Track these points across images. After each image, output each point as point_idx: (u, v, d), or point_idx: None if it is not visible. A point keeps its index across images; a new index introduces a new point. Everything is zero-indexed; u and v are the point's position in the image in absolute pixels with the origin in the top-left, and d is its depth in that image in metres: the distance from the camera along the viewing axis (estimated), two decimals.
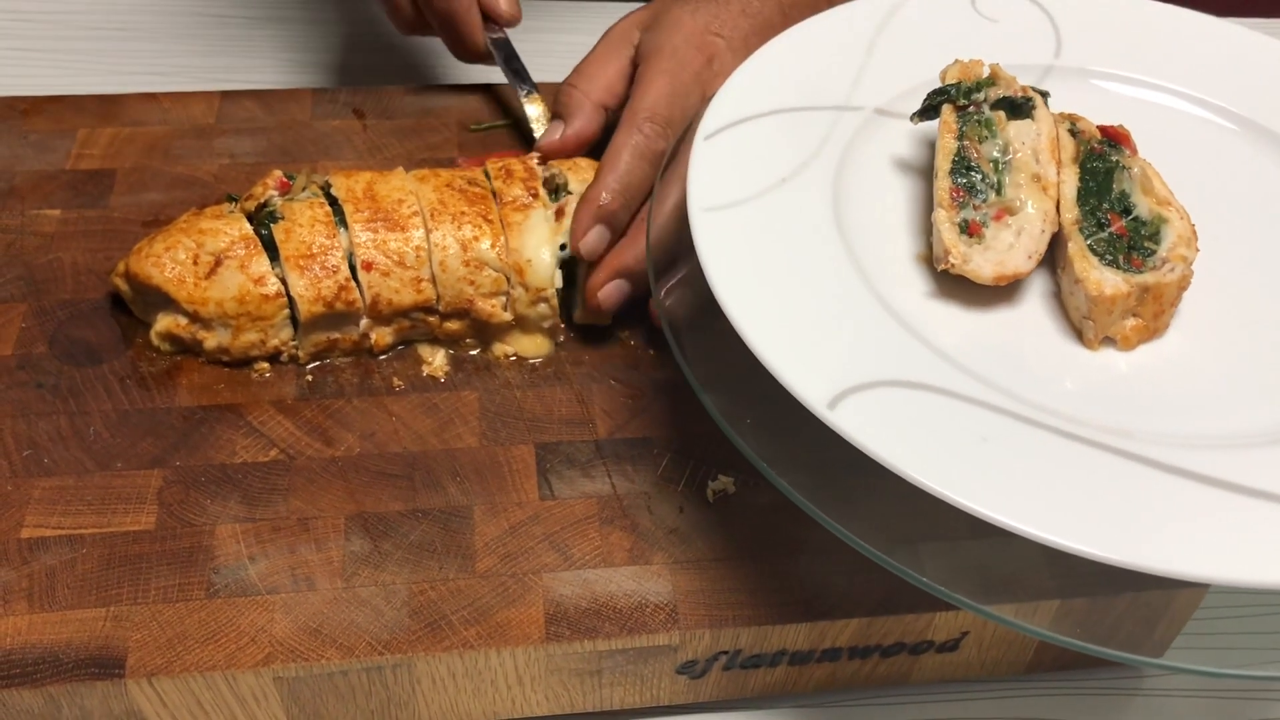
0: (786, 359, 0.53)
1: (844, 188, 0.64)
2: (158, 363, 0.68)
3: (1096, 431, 0.54)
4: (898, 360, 0.56)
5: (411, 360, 0.69)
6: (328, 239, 0.66)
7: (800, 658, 0.61)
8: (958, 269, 0.58)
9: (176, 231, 0.68)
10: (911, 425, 0.53)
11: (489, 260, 0.67)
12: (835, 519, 0.54)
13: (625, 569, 0.60)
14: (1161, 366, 0.59)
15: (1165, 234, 0.60)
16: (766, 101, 0.66)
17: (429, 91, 0.86)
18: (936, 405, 0.54)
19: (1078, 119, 0.64)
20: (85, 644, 0.56)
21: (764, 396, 0.55)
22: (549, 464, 0.64)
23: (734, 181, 0.62)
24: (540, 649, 0.57)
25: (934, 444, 0.52)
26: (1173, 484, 0.52)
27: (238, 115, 0.83)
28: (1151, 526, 0.50)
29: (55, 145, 0.79)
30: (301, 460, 0.64)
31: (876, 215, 0.64)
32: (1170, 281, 0.58)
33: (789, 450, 0.56)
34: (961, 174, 0.61)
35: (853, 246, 0.61)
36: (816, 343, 0.55)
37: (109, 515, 0.61)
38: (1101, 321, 0.58)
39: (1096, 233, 0.60)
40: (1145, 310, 0.59)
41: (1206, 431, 0.56)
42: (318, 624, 0.57)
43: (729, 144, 0.64)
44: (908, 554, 0.57)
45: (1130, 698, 0.65)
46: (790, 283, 0.58)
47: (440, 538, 0.61)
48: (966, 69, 0.65)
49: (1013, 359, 0.58)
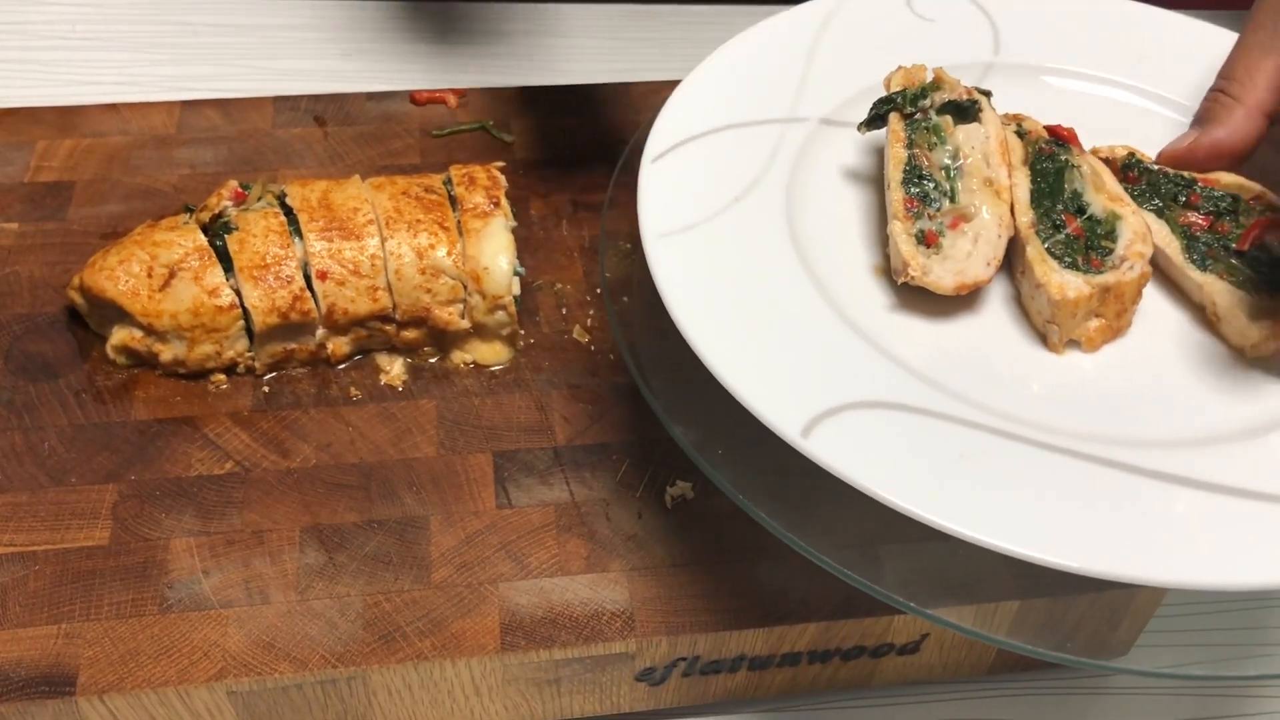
0: (755, 389, 0.52)
1: (796, 202, 0.63)
2: (114, 376, 0.67)
3: (1074, 440, 0.53)
4: (868, 380, 0.55)
5: (369, 369, 0.69)
6: (282, 249, 0.66)
7: (760, 663, 0.61)
8: (918, 281, 0.58)
9: (131, 244, 0.67)
10: (887, 447, 0.52)
11: (445, 268, 0.67)
12: (790, 529, 0.54)
13: (582, 577, 0.60)
14: (1128, 365, 0.59)
15: (1121, 231, 0.59)
16: (711, 118, 0.65)
17: (390, 98, 0.86)
18: (911, 424, 0.53)
19: (1023, 119, 0.64)
20: (36, 662, 0.55)
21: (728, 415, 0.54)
22: (507, 472, 0.64)
23: (686, 204, 0.61)
24: (496, 659, 0.57)
25: (912, 466, 0.51)
26: (1159, 490, 0.51)
27: (198, 125, 0.82)
28: (1147, 537, 0.49)
29: (13, 158, 0.79)
30: (257, 472, 0.63)
31: (831, 229, 0.63)
32: (1131, 280, 0.58)
33: (749, 462, 0.56)
34: (914, 183, 0.61)
35: (811, 263, 0.60)
36: (783, 369, 0.54)
37: (62, 531, 0.60)
38: (1066, 325, 0.58)
39: (1053, 235, 0.59)
40: (1108, 310, 0.58)
41: (1183, 430, 0.55)
42: (271, 637, 0.57)
43: (677, 165, 0.63)
44: (866, 557, 0.57)
45: (1094, 696, 0.65)
46: (752, 306, 0.57)
47: (396, 549, 0.60)
48: (910, 74, 0.64)
49: (981, 369, 0.58)
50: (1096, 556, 0.48)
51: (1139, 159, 0.64)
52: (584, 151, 0.82)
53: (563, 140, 0.83)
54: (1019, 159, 0.62)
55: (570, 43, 1.02)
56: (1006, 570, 0.59)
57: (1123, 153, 0.64)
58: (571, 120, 0.85)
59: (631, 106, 0.86)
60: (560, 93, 0.87)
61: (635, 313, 0.64)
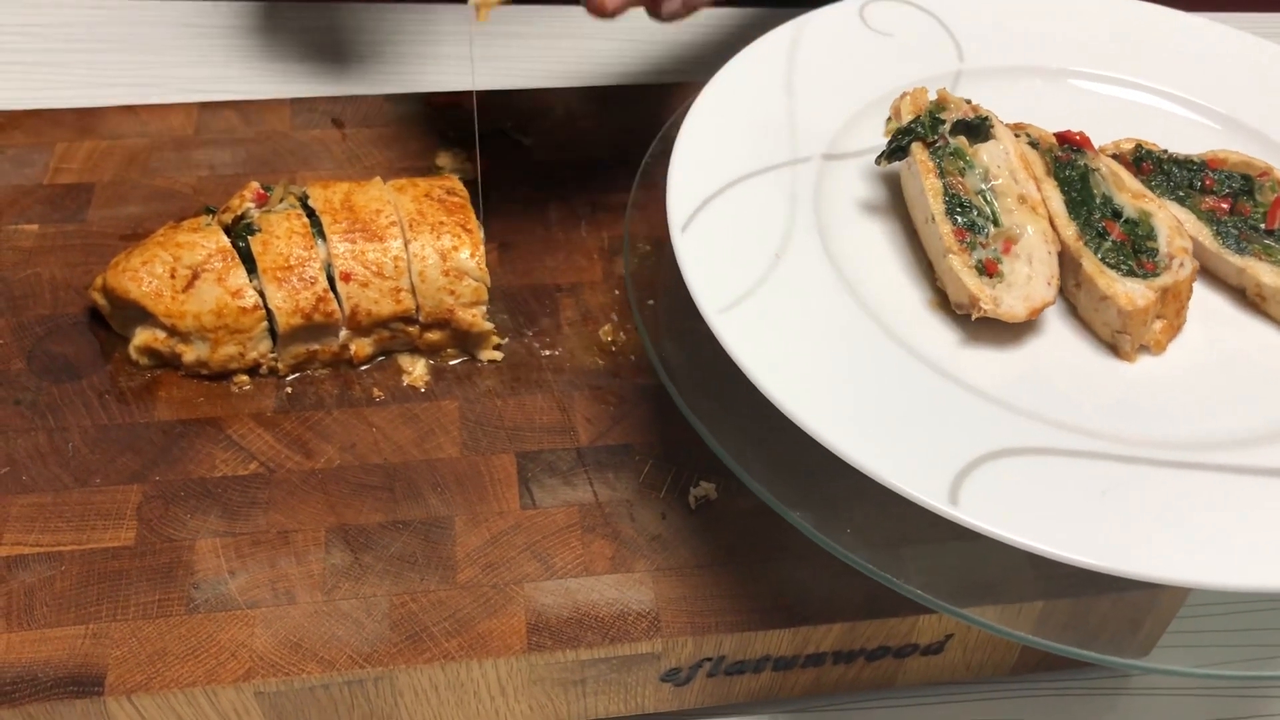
0: (886, 462, 0.50)
1: (832, 246, 0.62)
2: (136, 377, 0.67)
3: (1198, 452, 0.53)
4: (982, 431, 0.53)
5: (391, 371, 0.69)
6: (305, 250, 0.66)
7: (784, 663, 0.61)
8: (991, 313, 0.57)
9: (153, 245, 0.67)
10: (1029, 496, 0.50)
11: (469, 270, 0.67)
12: (818, 528, 0.54)
13: (607, 577, 0.60)
14: (1197, 362, 0.59)
15: (1158, 229, 0.59)
16: (721, 173, 0.64)
17: (408, 100, 0.86)
18: (1044, 468, 0.52)
19: (1028, 128, 0.64)
20: (64, 662, 0.55)
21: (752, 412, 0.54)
22: (530, 473, 0.64)
23: (731, 272, 0.59)
24: (522, 659, 0.57)
25: (1059, 511, 0.50)
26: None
27: (216, 126, 0.83)
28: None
29: (33, 159, 0.79)
30: (281, 473, 0.63)
31: (873, 268, 0.62)
32: (1185, 277, 0.58)
33: (777, 462, 0.56)
34: (958, 212, 0.60)
35: (873, 311, 0.59)
36: (903, 436, 0.53)
37: (88, 532, 0.60)
38: (1137, 333, 0.58)
39: (1101, 244, 0.59)
40: (1168, 310, 0.58)
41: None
42: (298, 638, 0.57)
43: (706, 230, 0.61)
44: (891, 558, 0.57)
45: (1116, 697, 0.65)
46: (842, 371, 0.56)
47: (421, 549, 0.60)
48: (917, 99, 0.64)
49: (1077, 394, 0.57)
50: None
51: (1147, 149, 0.64)
52: (602, 154, 0.82)
53: (580, 142, 0.83)
54: (1041, 171, 0.62)
55: (587, 45, 1.02)
56: (1031, 571, 0.59)
57: (1129, 145, 0.64)
58: (589, 122, 0.85)
59: (648, 108, 0.86)
60: (577, 95, 0.87)
61: (661, 315, 0.64)
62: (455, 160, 0.81)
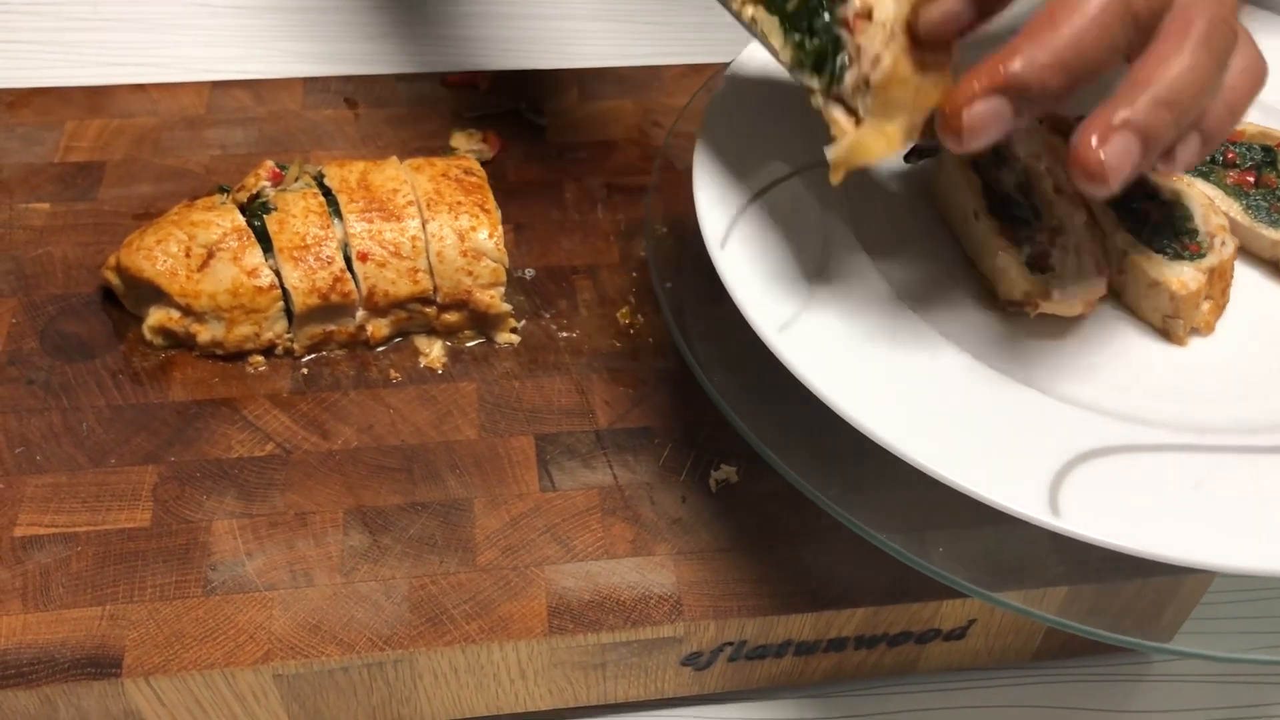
0: (982, 480, 0.48)
1: (873, 252, 0.60)
2: (150, 357, 0.67)
3: (1273, 434, 0.52)
4: (1065, 433, 0.52)
5: (408, 352, 0.68)
6: (322, 230, 0.66)
7: (806, 648, 0.60)
8: (1048, 310, 0.56)
9: (168, 224, 0.67)
10: (1126, 498, 0.49)
11: (487, 250, 0.66)
12: (845, 509, 0.53)
13: (628, 560, 0.59)
14: (1248, 339, 0.58)
15: (1193, 209, 0.59)
16: (748, 182, 0.62)
17: (422, 79, 0.85)
18: (1133, 466, 0.51)
19: (1049, 116, 0.63)
20: (81, 643, 0.55)
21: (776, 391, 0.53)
22: (549, 455, 0.63)
23: (781, 286, 0.57)
24: (543, 642, 0.57)
25: (1160, 510, 0.48)
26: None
27: (228, 105, 0.82)
28: None
29: (42, 138, 0.78)
30: (298, 454, 0.63)
31: (915, 270, 0.61)
32: (1229, 256, 0.57)
33: (792, 439, 0.55)
34: (1000, 208, 0.59)
35: (928, 315, 0.57)
36: (992, 448, 0.51)
37: (103, 512, 0.60)
38: (1189, 316, 0.57)
39: (1141, 228, 0.58)
40: (1215, 290, 0.57)
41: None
42: (317, 620, 0.56)
43: (745, 244, 0.59)
44: (915, 542, 0.56)
45: (1138, 683, 0.64)
46: (915, 385, 0.54)
47: (440, 531, 0.60)
48: None
49: (1140, 384, 0.56)
50: None
51: None
52: (617, 134, 0.82)
53: (596, 123, 0.82)
54: (1063, 156, 0.61)
55: (602, 26, 1.01)
56: (1055, 555, 0.59)
57: None
58: (604, 103, 0.84)
59: (664, 89, 0.85)
60: (593, 76, 0.86)
61: (683, 297, 0.64)
62: (470, 141, 0.80)
